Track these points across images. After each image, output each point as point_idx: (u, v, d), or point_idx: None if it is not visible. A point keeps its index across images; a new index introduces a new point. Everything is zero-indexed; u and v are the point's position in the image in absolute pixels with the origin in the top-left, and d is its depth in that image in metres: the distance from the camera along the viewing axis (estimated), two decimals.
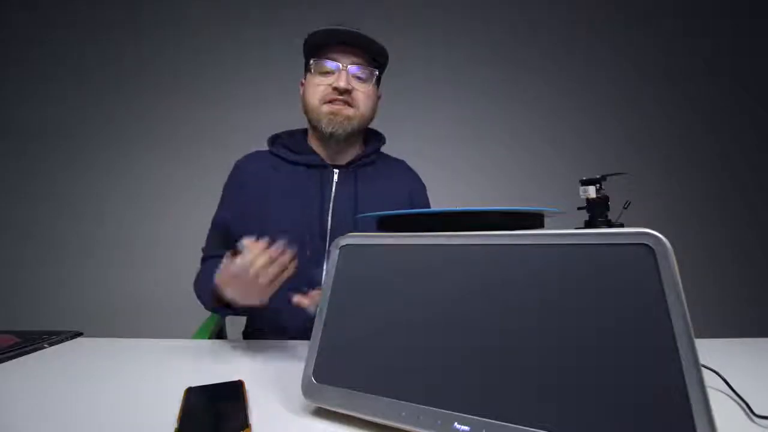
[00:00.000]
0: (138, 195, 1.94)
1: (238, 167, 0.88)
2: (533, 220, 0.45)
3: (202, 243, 0.88)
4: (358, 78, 0.80)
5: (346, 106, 0.79)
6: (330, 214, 0.80)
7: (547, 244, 0.35)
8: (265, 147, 0.89)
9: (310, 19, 0.72)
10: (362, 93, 0.80)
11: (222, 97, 1.97)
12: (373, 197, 0.83)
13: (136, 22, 1.97)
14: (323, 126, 0.79)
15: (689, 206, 2.03)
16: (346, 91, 0.78)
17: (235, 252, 0.54)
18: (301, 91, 0.85)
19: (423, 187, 0.96)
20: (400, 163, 0.96)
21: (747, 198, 2.06)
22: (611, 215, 0.50)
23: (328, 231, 0.79)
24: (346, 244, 0.46)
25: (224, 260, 0.58)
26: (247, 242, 0.54)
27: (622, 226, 0.47)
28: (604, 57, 2.06)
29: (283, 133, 0.90)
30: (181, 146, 1.96)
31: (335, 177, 0.83)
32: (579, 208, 0.51)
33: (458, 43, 2.04)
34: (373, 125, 0.90)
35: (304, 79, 0.85)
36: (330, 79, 0.79)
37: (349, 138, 0.82)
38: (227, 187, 0.87)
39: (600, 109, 2.06)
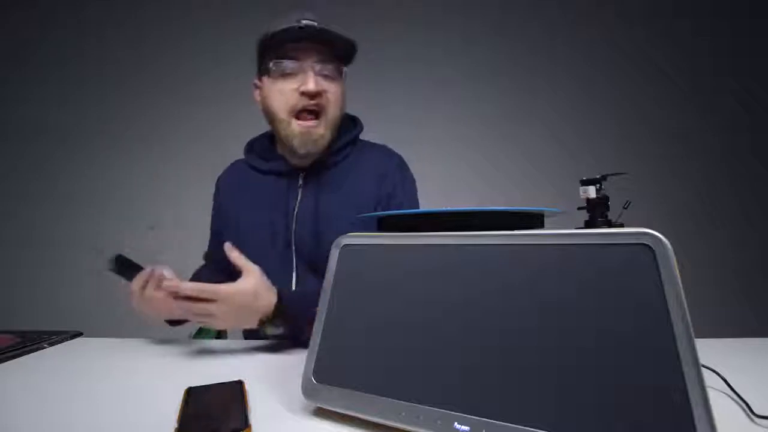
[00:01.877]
0: (137, 195, 1.94)
1: (218, 181, 0.88)
2: (533, 220, 0.45)
3: (202, 243, 0.88)
4: (325, 77, 0.71)
5: (317, 122, 0.71)
6: (294, 223, 0.76)
7: (547, 244, 0.35)
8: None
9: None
10: (331, 95, 0.72)
11: (222, 97, 1.96)
12: (337, 201, 0.76)
13: (136, 21, 1.97)
14: (296, 146, 0.72)
15: (689, 206, 2.03)
16: (317, 95, 0.70)
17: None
18: (258, 97, 0.78)
19: (405, 180, 0.83)
20: (378, 154, 0.84)
21: (747, 198, 2.06)
22: (611, 215, 0.50)
23: (293, 239, 0.76)
24: (346, 244, 0.45)
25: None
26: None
27: (622, 226, 0.47)
28: (604, 57, 2.06)
29: (259, 137, 0.87)
30: (181, 146, 1.96)
31: (300, 182, 0.78)
32: (579, 208, 0.51)
33: (457, 42, 2.04)
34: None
35: (259, 80, 0.77)
36: (294, 83, 0.70)
37: None
38: (213, 201, 0.89)
39: (600, 109, 2.06)
